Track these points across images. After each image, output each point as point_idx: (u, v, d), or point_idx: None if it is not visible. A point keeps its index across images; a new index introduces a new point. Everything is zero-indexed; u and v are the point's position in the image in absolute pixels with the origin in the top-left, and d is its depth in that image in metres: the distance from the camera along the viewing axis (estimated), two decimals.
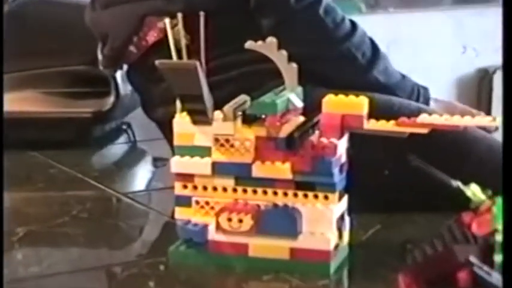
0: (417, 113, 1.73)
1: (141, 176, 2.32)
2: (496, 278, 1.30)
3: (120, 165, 2.36)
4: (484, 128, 2.02)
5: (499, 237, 1.34)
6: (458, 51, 3.51)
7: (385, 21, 3.19)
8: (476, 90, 3.54)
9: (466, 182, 1.39)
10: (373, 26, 2.20)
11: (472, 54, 3.57)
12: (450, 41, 3.57)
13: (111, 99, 2.28)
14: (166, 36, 1.71)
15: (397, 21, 3.45)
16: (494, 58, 3.59)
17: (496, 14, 3.77)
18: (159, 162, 2.16)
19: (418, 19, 3.62)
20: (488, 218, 1.35)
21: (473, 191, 1.37)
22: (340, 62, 2.07)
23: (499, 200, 1.36)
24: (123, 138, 2.39)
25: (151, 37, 1.99)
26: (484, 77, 3.50)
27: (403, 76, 2.18)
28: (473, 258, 1.32)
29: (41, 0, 2.50)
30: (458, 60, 3.45)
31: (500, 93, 2.16)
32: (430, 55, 3.02)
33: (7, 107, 2.28)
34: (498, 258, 1.34)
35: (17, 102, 2.28)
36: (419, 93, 2.14)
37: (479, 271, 1.30)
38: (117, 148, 2.37)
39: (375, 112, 1.67)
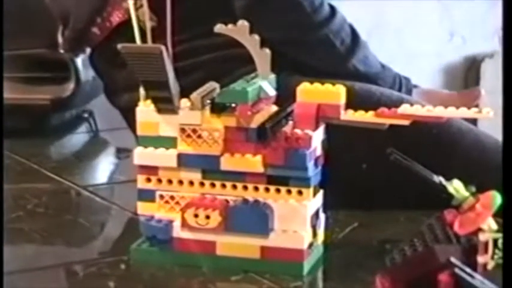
0: (399, 103, 1.72)
1: (103, 168, 2.31)
2: (479, 280, 1.31)
3: (80, 156, 2.35)
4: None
5: (482, 237, 1.35)
6: (445, 38, 3.51)
7: (368, 5, 3.19)
8: (463, 79, 3.55)
9: (451, 178, 1.39)
10: (356, 10, 2.21)
11: (459, 41, 3.58)
12: (436, 27, 3.57)
13: (71, 85, 2.28)
14: (130, 17, 1.69)
15: (381, 5, 3.45)
16: (483, 46, 3.61)
17: (485, 1, 3.80)
18: (123, 154, 2.16)
19: (402, 4, 3.62)
20: (471, 217, 1.35)
21: (456, 187, 1.38)
22: (317, 48, 2.07)
23: (495, 199, 1.37)
24: (84, 127, 2.39)
25: (116, 18, 1.99)
26: (471, 65, 3.51)
27: (384, 66, 2.18)
28: (455, 259, 1.32)
29: None
30: (445, 47, 3.45)
31: (488, 82, 2.19)
32: (415, 42, 3.02)
33: None
34: (481, 259, 1.35)
35: None
36: (401, 84, 2.15)
37: (462, 273, 1.31)
38: (77, 138, 2.36)
39: (354, 101, 1.67)
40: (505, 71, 1.10)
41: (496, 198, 1.37)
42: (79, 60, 2.21)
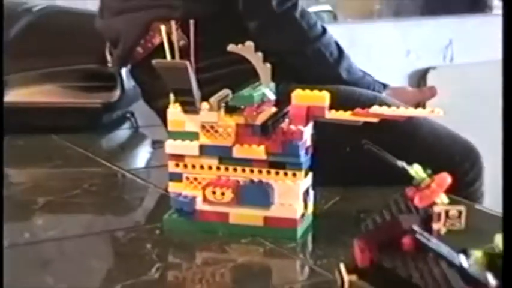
0: (374, 100, 1.83)
1: (142, 156, 2.32)
2: (434, 242, 1.29)
3: (124, 147, 2.36)
4: None
5: (436, 209, 1.33)
6: (403, 55, 3.51)
7: (344, 31, 3.17)
8: (417, 85, 3.56)
9: (411, 163, 1.37)
10: (334, 32, 2.19)
11: (414, 57, 3.57)
12: (396, 46, 3.57)
13: (117, 92, 2.27)
14: (168, 39, 1.69)
15: (354, 30, 3.45)
16: (430, 60, 3.61)
17: (432, 24, 3.80)
18: (157, 145, 2.14)
19: (370, 29, 3.62)
20: (428, 193, 1.34)
21: (416, 170, 1.36)
22: (312, 58, 2.07)
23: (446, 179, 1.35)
24: (127, 125, 2.39)
25: (157, 40, 2.00)
26: (423, 75, 3.52)
27: (364, 73, 2.17)
28: (415, 226, 1.31)
29: (60, 10, 2.49)
30: (403, 62, 3.44)
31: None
32: (381, 58, 3.00)
33: (33, 98, 2.28)
34: (435, 226, 1.33)
35: (40, 94, 2.28)
36: (375, 89, 2.13)
37: (421, 237, 1.29)
38: (123, 133, 2.36)
39: (339, 100, 1.67)
40: (505, 71, 1.05)
41: (447, 178, 1.36)
42: (123, 73, 2.18)
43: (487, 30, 3.85)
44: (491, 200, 1.93)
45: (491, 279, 1.23)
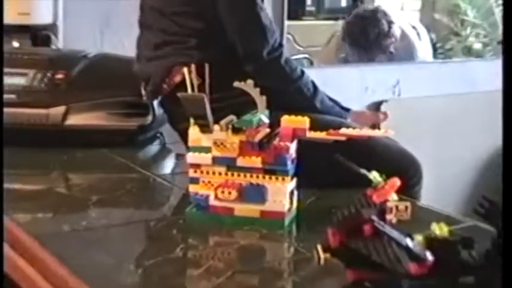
0: (342, 124, 1.81)
1: (169, 165, 2.32)
2: (388, 229, 1.29)
3: (155, 158, 2.34)
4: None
5: (389, 204, 1.33)
6: (363, 91, 3.51)
7: (318, 73, 3.18)
8: None
9: (370, 170, 1.38)
10: (311, 75, 2.20)
11: (370, 93, 3.57)
12: (357, 84, 3.57)
13: (150, 117, 2.28)
14: (185, 78, 1.69)
15: (326, 72, 3.45)
16: (383, 95, 3.61)
17: (384, 68, 3.81)
18: (180, 157, 2.14)
19: (338, 72, 3.62)
20: (383, 192, 1.34)
21: (374, 175, 1.36)
22: (294, 93, 2.07)
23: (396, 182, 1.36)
24: (157, 142, 2.37)
25: (177, 78, 2.01)
26: (377, 106, 3.52)
27: (334, 103, 2.17)
28: (373, 217, 1.31)
29: (108, 56, 2.52)
30: (363, 96, 3.44)
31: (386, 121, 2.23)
32: (346, 93, 2.99)
33: (88, 121, 2.28)
34: (388, 217, 1.33)
35: (93, 119, 2.29)
36: (342, 116, 2.13)
37: (377, 225, 1.30)
38: (154, 148, 2.35)
39: (317, 125, 1.66)
40: (505, 71, 1.04)
41: (397, 182, 1.36)
42: (154, 103, 2.18)
43: (423, 74, 3.87)
44: (427, 200, 1.93)
45: (429, 256, 1.23)
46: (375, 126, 2.21)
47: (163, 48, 2.10)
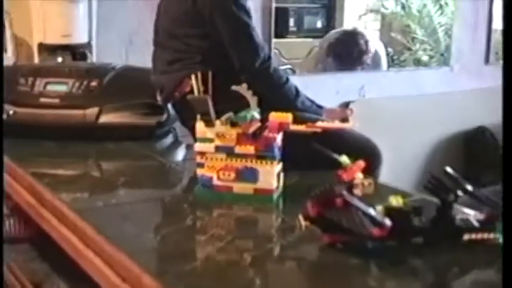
0: (318, 119, 1.79)
1: (180, 153, 2.29)
2: (355, 201, 1.29)
3: (170, 148, 2.32)
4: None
5: (355, 181, 1.33)
6: (335, 93, 3.50)
7: (300, 80, 3.16)
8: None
9: (340, 155, 1.37)
10: (294, 81, 2.19)
11: (341, 95, 3.56)
12: (330, 89, 3.56)
13: (165, 115, 2.26)
14: (193, 87, 1.68)
15: (306, 80, 3.43)
16: (351, 97, 3.60)
17: (351, 75, 3.81)
18: (189, 147, 2.12)
19: (315, 79, 3.61)
20: (351, 172, 1.34)
21: (344, 159, 1.36)
22: (281, 97, 2.05)
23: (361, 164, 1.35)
24: (171, 136, 2.36)
25: (187, 88, 1.98)
26: (346, 105, 3.51)
27: (312, 103, 2.16)
28: (344, 192, 1.30)
29: (131, 67, 2.51)
30: (335, 98, 3.43)
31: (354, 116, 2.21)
32: (322, 96, 2.97)
33: (117, 119, 2.27)
34: (356, 191, 1.32)
35: (120, 117, 2.27)
36: (318, 113, 2.12)
37: (347, 198, 1.29)
38: (168, 140, 2.33)
39: (299, 120, 1.65)
40: (505, 71, 1.00)
41: (362, 164, 1.36)
42: (169, 105, 2.16)
43: (383, 80, 3.86)
44: (387, 179, 1.92)
45: (387, 222, 1.23)
46: (345, 120, 2.20)
47: (174, 64, 2.09)
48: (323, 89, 3.45)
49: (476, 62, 4.19)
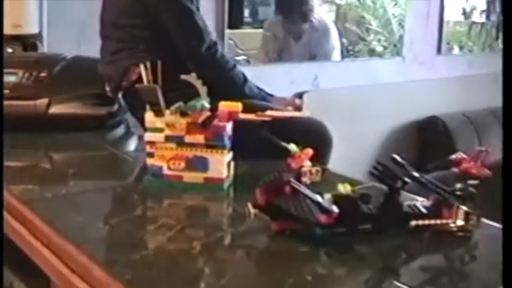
0: (267, 107, 1.79)
1: (132, 143, 2.26)
2: (303, 188, 1.29)
3: (122, 138, 2.29)
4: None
5: (303, 169, 1.33)
6: (289, 83, 3.50)
7: (255, 70, 3.16)
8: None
9: (291, 142, 1.38)
10: (249, 72, 2.19)
11: (296, 85, 3.56)
12: (284, 79, 3.56)
13: (116, 106, 2.24)
14: (139, 77, 1.66)
15: (261, 70, 3.42)
16: (305, 87, 3.60)
17: (305, 66, 3.81)
18: (141, 137, 2.08)
19: (270, 69, 3.60)
20: (299, 160, 1.34)
21: (292, 147, 1.36)
22: (229, 83, 2.05)
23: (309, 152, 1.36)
24: (123, 126, 2.33)
25: (134, 76, 1.96)
26: (300, 95, 3.50)
27: (259, 90, 2.16)
28: (292, 179, 1.31)
29: (82, 58, 2.45)
30: (289, 88, 3.42)
31: (306, 102, 2.20)
32: (276, 86, 2.97)
33: (67, 110, 2.24)
34: (304, 179, 1.33)
35: (70, 108, 2.24)
36: (266, 99, 2.13)
37: (295, 185, 1.29)
38: (120, 131, 2.30)
39: (249, 107, 1.64)
40: (505, 71, 0.99)
41: (309, 152, 1.37)
42: (119, 95, 2.14)
43: (336, 70, 3.88)
44: (338, 168, 1.92)
45: (334, 209, 1.23)
46: (299, 109, 2.20)
47: (119, 53, 2.08)
48: (277, 79, 3.45)
49: (429, 53, 4.23)
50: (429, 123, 4.12)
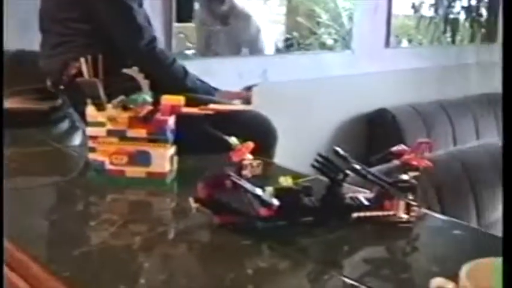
0: (211, 100, 1.78)
1: (75, 138, 2.22)
2: (243, 182, 1.29)
3: (66, 133, 2.26)
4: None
5: (245, 162, 1.33)
6: (238, 77, 3.48)
7: (202, 63, 3.15)
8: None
9: (236, 137, 1.38)
10: (198, 65, 2.18)
11: (245, 79, 3.54)
12: (233, 72, 3.54)
13: (60, 100, 2.22)
14: (79, 71, 1.64)
15: (208, 63, 3.39)
16: (254, 80, 3.58)
17: (254, 59, 3.80)
18: (84, 131, 2.05)
19: (217, 62, 3.57)
20: (240, 153, 1.34)
21: (233, 140, 1.36)
22: (169, 77, 2.03)
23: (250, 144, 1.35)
24: (68, 121, 2.30)
25: (73, 71, 1.94)
26: (249, 89, 3.48)
27: (202, 82, 2.14)
28: (232, 173, 1.30)
29: (26, 52, 2.40)
30: (238, 81, 3.40)
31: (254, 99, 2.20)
32: (225, 79, 2.95)
33: (11, 105, 2.19)
34: (245, 172, 1.32)
35: (12, 103, 2.21)
36: (211, 93, 2.11)
37: (235, 179, 1.28)
38: (64, 125, 2.27)
39: (192, 102, 1.63)
40: (505, 71, 0.98)
41: (251, 145, 1.37)
42: (60, 89, 2.11)
43: (286, 63, 3.88)
44: (286, 161, 1.92)
45: (275, 201, 1.23)
46: (247, 101, 2.19)
47: (58, 47, 2.06)
48: (226, 73, 3.43)
49: (377, 46, 4.25)
50: (378, 116, 4.14)
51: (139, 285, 1.13)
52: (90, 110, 1.62)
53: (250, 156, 1.34)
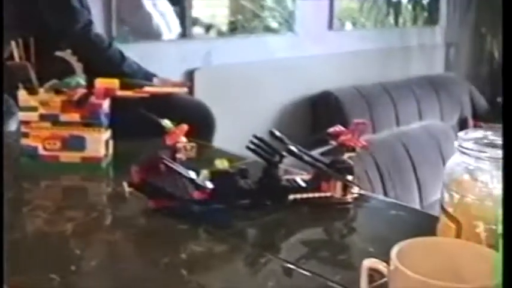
0: (146, 84, 1.77)
1: (12, 124, 2.10)
2: (177, 165, 1.27)
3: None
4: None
5: (179, 145, 1.31)
6: (181, 60, 3.44)
7: (145, 48, 3.10)
8: (189, 78, 3.47)
9: (172, 121, 1.35)
10: (138, 51, 2.14)
11: (188, 62, 3.51)
12: (176, 56, 3.48)
13: None
14: (11, 54, 1.60)
15: (150, 48, 3.33)
16: (197, 63, 3.55)
17: (196, 42, 3.76)
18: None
19: (159, 46, 3.49)
20: (173, 136, 1.32)
21: (166, 123, 1.34)
22: (105, 62, 2.00)
23: (184, 127, 1.33)
24: (4, 106, 2.23)
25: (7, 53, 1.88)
26: (192, 71, 3.46)
27: (139, 67, 2.12)
28: (166, 156, 1.28)
29: None
30: (182, 64, 3.38)
31: (198, 85, 2.18)
32: (166, 63, 2.92)
33: None
34: (179, 155, 1.31)
35: None
36: (148, 77, 2.09)
37: (168, 163, 1.27)
38: None
39: (127, 84, 1.61)
40: (505, 71, 0.96)
41: (185, 127, 1.35)
42: None
43: (231, 46, 3.85)
44: (229, 144, 1.89)
45: (208, 184, 1.22)
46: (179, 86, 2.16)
47: None
48: (168, 56, 3.39)
49: (320, 28, 4.25)
50: (322, 98, 4.15)
51: (70, 272, 1.10)
52: (22, 94, 1.58)
53: (184, 139, 1.32)
